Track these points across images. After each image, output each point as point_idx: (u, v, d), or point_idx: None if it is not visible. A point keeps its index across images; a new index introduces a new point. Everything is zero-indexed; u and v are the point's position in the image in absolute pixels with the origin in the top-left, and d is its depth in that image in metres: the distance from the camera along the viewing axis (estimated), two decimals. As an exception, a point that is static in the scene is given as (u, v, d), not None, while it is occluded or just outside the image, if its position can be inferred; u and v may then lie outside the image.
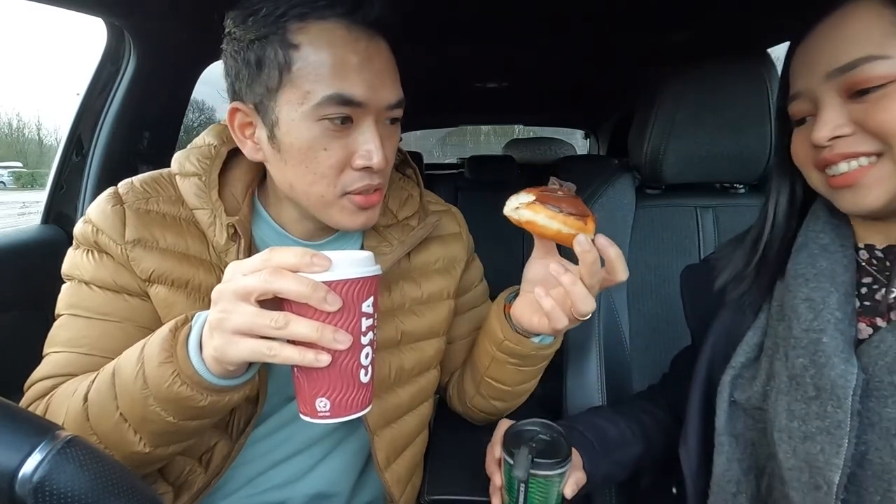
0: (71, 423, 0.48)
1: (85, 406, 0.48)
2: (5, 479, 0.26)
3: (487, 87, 1.91)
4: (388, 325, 0.65)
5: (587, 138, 3.35)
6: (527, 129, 4.21)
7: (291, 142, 0.53)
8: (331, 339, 0.40)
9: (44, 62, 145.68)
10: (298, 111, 0.52)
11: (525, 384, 0.71)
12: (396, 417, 0.68)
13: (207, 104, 1.92)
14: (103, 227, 0.56)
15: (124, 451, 0.48)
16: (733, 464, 0.53)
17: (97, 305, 0.56)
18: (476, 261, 0.79)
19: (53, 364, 0.55)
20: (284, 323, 0.40)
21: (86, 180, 1.07)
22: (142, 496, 0.31)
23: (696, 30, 1.16)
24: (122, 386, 0.46)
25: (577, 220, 0.51)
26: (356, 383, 0.43)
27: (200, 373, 0.43)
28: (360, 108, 0.52)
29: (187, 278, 0.57)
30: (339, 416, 0.43)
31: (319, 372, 0.42)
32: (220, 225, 0.57)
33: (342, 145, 0.53)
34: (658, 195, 0.92)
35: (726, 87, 0.80)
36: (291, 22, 0.51)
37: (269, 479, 0.64)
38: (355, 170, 0.54)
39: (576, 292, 0.53)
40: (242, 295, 0.40)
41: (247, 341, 0.40)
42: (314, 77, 0.51)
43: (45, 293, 1.02)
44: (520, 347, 0.64)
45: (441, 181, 2.29)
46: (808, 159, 0.49)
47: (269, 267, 0.40)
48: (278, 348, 0.40)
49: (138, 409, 0.45)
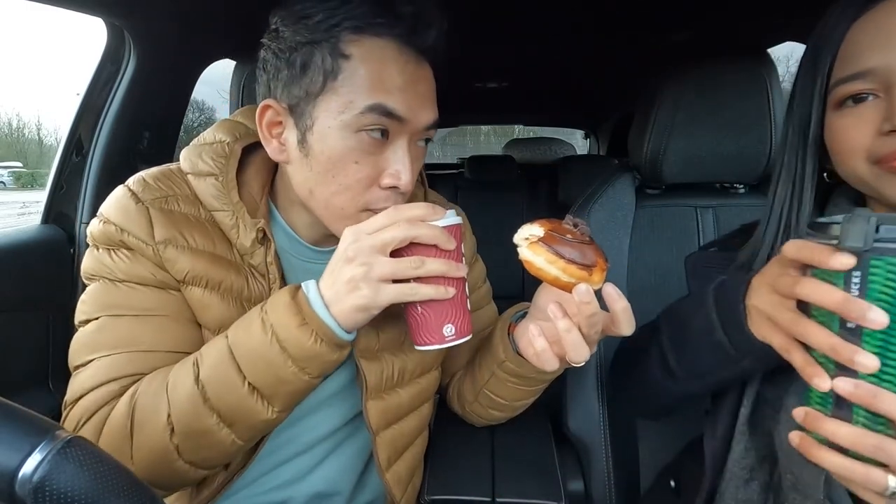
0: (182, 408, 0.49)
1: (200, 388, 0.49)
2: (5, 479, 0.26)
3: (487, 87, 1.91)
4: (392, 326, 0.65)
5: (587, 138, 3.35)
6: (527, 129, 4.21)
7: (323, 149, 0.53)
8: (455, 268, 0.50)
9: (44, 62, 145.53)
10: (337, 119, 0.51)
11: (524, 400, 0.70)
12: (398, 418, 0.68)
13: (207, 104, 1.92)
14: (129, 228, 0.54)
15: (249, 423, 0.51)
16: (751, 452, 0.53)
17: (142, 302, 0.54)
18: (479, 262, 0.79)
19: (109, 368, 0.52)
20: (421, 263, 0.49)
21: (86, 180, 1.07)
22: (142, 496, 0.31)
23: (696, 30, 1.17)
24: (251, 357, 0.50)
25: (580, 269, 0.48)
26: (466, 310, 0.54)
27: (334, 329, 0.49)
28: (399, 123, 0.52)
29: (220, 279, 0.56)
30: (462, 338, 0.53)
31: (444, 303, 0.52)
32: (243, 227, 0.57)
33: (373, 162, 0.53)
34: (658, 195, 0.92)
35: (726, 87, 0.80)
36: (346, 33, 0.51)
37: (272, 479, 0.64)
38: (382, 188, 0.55)
39: (569, 340, 0.50)
40: (381, 248, 0.48)
41: (392, 287, 0.49)
42: (359, 88, 0.51)
43: (45, 293, 1.02)
44: (520, 370, 0.63)
45: (441, 181, 2.29)
46: (860, 145, 0.45)
47: (401, 220, 0.49)
48: (418, 287, 0.49)
49: (274, 374, 0.50)
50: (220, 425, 0.50)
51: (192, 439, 0.50)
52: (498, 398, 0.69)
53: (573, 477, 0.85)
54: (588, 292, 0.47)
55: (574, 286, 0.47)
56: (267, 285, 0.58)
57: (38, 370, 0.99)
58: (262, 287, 0.58)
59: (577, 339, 0.50)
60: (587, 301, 0.48)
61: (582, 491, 0.84)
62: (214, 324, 0.56)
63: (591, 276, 0.48)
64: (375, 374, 0.64)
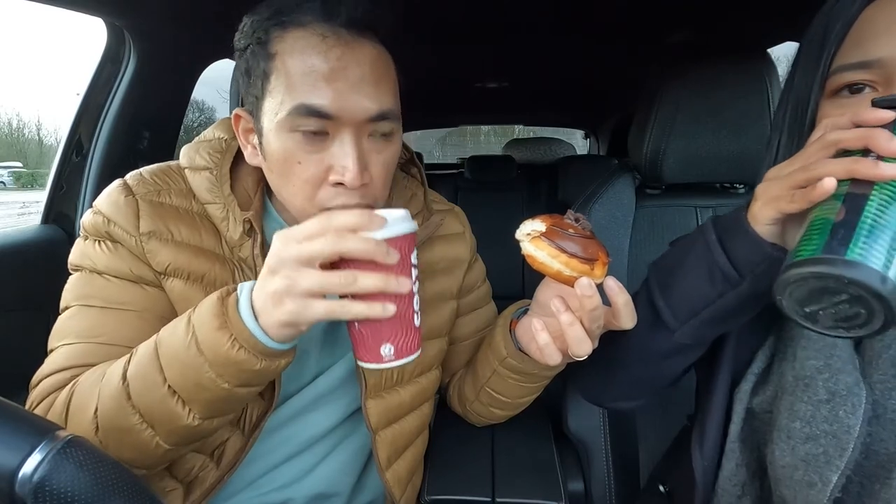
0: (108, 404, 0.48)
1: (125, 385, 0.47)
2: (5, 479, 0.26)
3: (487, 87, 1.91)
4: None
5: (587, 138, 3.35)
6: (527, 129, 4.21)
7: (271, 151, 0.53)
8: (395, 285, 0.44)
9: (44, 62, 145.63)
10: (274, 121, 0.51)
11: (526, 397, 0.70)
12: (398, 417, 0.68)
13: (207, 104, 1.92)
14: (116, 219, 0.55)
15: (171, 426, 0.48)
16: (742, 469, 0.52)
17: (113, 294, 0.55)
18: (479, 261, 0.79)
19: (67, 356, 0.53)
20: (353, 279, 0.43)
21: (86, 180, 1.08)
22: (142, 496, 0.31)
23: (696, 30, 1.17)
24: (171, 357, 0.47)
25: (582, 263, 0.48)
26: (412, 327, 0.49)
27: (257, 336, 0.45)
28: (332, 120, 0.50)
29: (203, 272, 0.56)
30: (401, 359, 0.48)
31: (383, 322, 0.46)
32: (233, 219, 0.57)
33: (317, 160, 0.52)
34: (658, 195, 0.92)
35: (726, 87, 0.80)
36: (273, 31, 0.50)
37: (272, 480, 0.64)
38: (331, 185, 0.52)
39: (572, 334, 0.50)
40: (307, 260, 0.43)
41: (321, 302, 0.43)
42: (285, 87, 0.50)
43: (45, 293, 1.02)
44: (522, 366, 0.63)
45: (441, 181, 2.29)
46: None
47: (331, 230, 0.43)
48: (349, 305, 0.44)
49: (191, 378, 0.46)
50: (143, 425, 0.48)
51: (114, 436, 0.48)
52: (499, 395, 0.69)
53: (573, 477, 0.85)
54: (590, 286, 0.48)
55: (576, 280, 0.48)
56: (254, 278, 0.58)
57: (37, 370, 0.99)
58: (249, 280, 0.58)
59: (580, 333, 0.50)
60: (589, 295, 0.48)
61: (582, 491, 0.84)
62: None
63: (592, 270, 0.48)
64: (375, 373, 0.64)
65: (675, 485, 0.64)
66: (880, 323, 0.34)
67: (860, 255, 0.33)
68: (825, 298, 0.35)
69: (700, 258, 0.50)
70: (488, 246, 0.91)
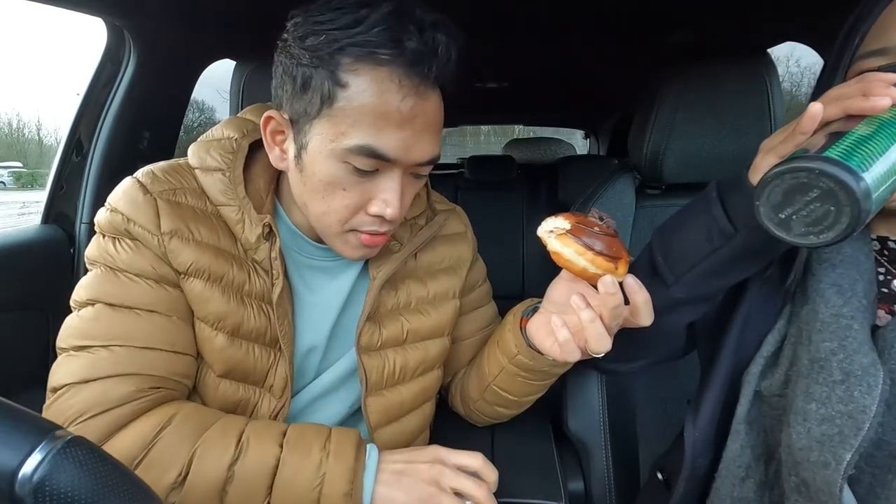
0: (196, 481, 0.49)
1: (227, 476, 0.49)
2: (5, 479, 0.26)
3: (487, 87, 1.91)
4: (394, 323, 0.65)
5: (587, 138, 3.35)
6: (527, 129, 4.21)
7: (314, 171, 0.52)
8: None
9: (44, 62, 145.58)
10: (328, 147, 0.51)
11: (532, 395, 0.71)
12: (398, 416, 0.68)
13: (207, 104, 1.92)
14: (135, 218, 0.54)
15: None
16: (746, 450, 0.53)
17: (139, 296, 0.53)
18: (480, 261, 0.79)
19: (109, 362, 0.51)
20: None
21: (86, 180, 1.07)
22: (142, 496, 0.31)
23: (696, 30, 1.16)
24: (289, 486, 0.50)
25: (607, 261, 0.49)
26: None
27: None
28: (389, 163, 0.52)
29: (222, 273, 0.56)
30: None
31: None
32: (249, 222, 0.56)
33: (361, 190, 0.53)
34: (658, 195, 0.92)
35: (726, 87, 0.80)
36: (346, 59, 0.48)
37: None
38: (368, 214, 0.54)
39: (592, 330, 0.52)
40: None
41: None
42: (352, 121, 0.49)
43: (45, 293, 1.02)
44: (533, 363, 0.63)
45: (441, 181, 2.28)
46: None
47: (484, 490, 0.53)
48: None
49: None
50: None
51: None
52: (506, 394, 0.69)
53: (573, 477, 0.85)
54: (614, 283, 0.49)
55: (600, 278, 0.49)
56: (269, 281, 0.58)
57: (38, 370, 0.98)
58: (264, 282, 0.58)
59: (601, 330, 0.51)
60: (612, 292, 0.49)
61: (582, 491, 0.84)
62: (213, 317, 0.56)
63: (616, 269, 0.50)
64: (377, 371, 0.64)
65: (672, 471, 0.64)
66: (846, 222, 0.36)
67: (837, 154, 0.36)
68: (797, 198, 0.37)
69: (699, 214, 0.53)
70: (488, 245, 0.91)
